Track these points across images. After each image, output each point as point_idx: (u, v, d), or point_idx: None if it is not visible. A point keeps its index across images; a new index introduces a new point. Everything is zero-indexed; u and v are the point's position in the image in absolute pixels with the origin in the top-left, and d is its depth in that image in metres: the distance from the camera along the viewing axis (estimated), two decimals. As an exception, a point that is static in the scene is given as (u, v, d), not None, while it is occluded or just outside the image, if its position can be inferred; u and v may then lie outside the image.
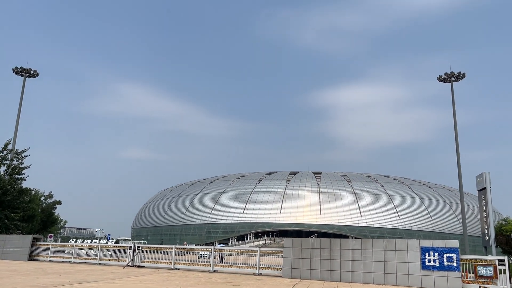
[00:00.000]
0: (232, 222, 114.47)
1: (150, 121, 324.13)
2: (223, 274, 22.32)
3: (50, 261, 33.04)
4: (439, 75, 48.02)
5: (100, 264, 29.84)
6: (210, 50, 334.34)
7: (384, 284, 17.47)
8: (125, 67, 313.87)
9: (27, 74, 58.85)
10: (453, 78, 47.95)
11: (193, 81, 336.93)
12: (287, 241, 20.81)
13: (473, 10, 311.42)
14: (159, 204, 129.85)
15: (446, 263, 16.40)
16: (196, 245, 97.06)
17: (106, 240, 57.39)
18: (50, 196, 56.02)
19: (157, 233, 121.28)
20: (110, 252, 31.34)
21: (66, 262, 32.04)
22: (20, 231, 45.95)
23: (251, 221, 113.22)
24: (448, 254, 16.42)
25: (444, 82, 48.11)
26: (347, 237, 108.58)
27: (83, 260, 31.63)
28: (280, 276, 20.98)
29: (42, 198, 55.04)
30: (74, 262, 31.52)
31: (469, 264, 16.93)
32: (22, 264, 28.55)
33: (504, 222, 36.60)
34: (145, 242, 34.84)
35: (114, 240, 38.06)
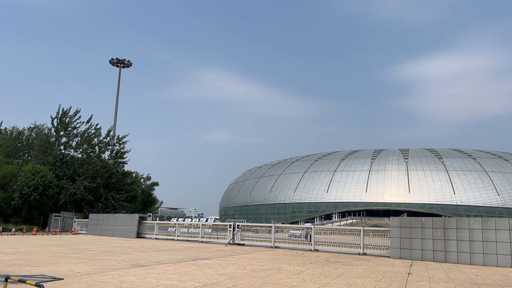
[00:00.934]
0: (316, 201, 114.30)
1: (232, 105, 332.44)
2: (326, 254, 22.20)
3: (156, 238, 35.46)
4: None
5: (202, 242, 31.36)
6: (287, 29, 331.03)
7: (511, 267, 16.09)
8: (205, 53, 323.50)
9: (121, 65, 63.04)
10: None
11: (271, 63, 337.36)
12: (394, 220, 20.04)
13: None
14: (244, 184, 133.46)
15: None
16: (288, 223, 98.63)
17: (198, 218, 60.32)
18: (148, 178, 60.18)
19: (244, 212, 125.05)
20: (209, 231, 32.86)
21: (170, 239, 34.14)
22: (125, 211, 50.04)
23: (336, 201, 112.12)
24: None
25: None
26: (439, 216, 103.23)
27: (186, 238, 33.46)
28: (387, 257, 20.34)
29: (142, 180, 59.23)
30: (178, 240, 33.50)
31: None
32: (133, 242, 30.98)
33: None
34: (242, 221, 36.23)
35: (213, 219, 39.80)
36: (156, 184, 60.10)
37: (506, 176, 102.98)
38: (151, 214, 63.67)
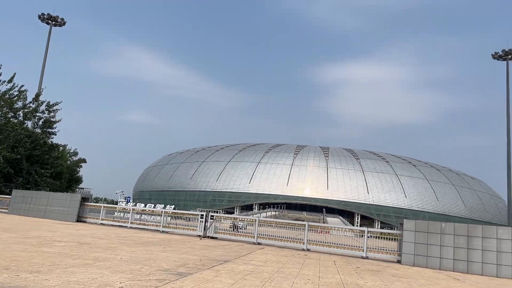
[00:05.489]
0: (238, 191, 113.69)
1: (157, 86, 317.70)
2: (324, 255, 20.60)
3: (102, 224, 31.09)
4: (494, 52, 45.93)
5: (163, 232, 28.00)
6: (220, 20, 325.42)
7: (544, 280, 16.02)
8: (137, 32, 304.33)
9: (53, 22, 54.85)
10: (510, 56, 45.78)
11: (203, 50, 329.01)
12: (408, 223, 19.13)
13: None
14: (163, 169, 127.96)
15: None
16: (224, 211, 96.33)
17: (125, 202, 55.54)
18: (75, 153, 53.61)
19: (160, 198, 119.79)
20: (169, 219, 29.59)
21: (119, 226, 30.07)
22: (49, 189, 43.73)
23: (257, 192, 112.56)
24: None
25: (499, 60, 46.09)
26: (352, 213, 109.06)
27: (141, 226, 29.71)
28: (397, 262, 19.42)
29: (67, 155, 52.54)
30: (131, 227, 29.61)
31: None
32: (81, 227, 26.58)
33: None
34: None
35: (173, 207, 36.23)
36: (84, 161, 53.74)
37: (413, 180, 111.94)
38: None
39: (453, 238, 17.77)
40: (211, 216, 26.45)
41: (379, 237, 21.89)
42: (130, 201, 60.17)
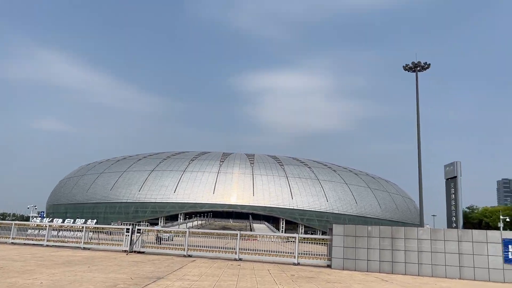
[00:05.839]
0: (162, 201, 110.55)
1: (73, 93, 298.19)
2: (257, 264, 20.47)
3: (13, 243, 28.24)
4: (405, 64, 49.53)
5: (85, 248, 26.08)
6: (141, 25, 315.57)
7: (460, 278, 17.18)
8: (52, 34, 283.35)
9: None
10: (418, 68, 49.69)
11: (123, 56, 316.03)
12: (337, 228, 19.68)
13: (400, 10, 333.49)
14: (81, 180, 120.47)
15: (535, 256, 16.62)
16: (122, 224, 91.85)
17: (39, 218, 51.21)
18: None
19: (78, 211, 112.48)
20: (91, 234, 27.66)
21: (36, 245, 27.51)
22: None
23: (183, 201, 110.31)
24: (537, 246, 16.68)
25: (409, 71, 49.82)
26: (277, 219, 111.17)
27: (59, 244, 27.43)
28: (327, 267, 19.87)
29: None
30: (47, 246, 27.20)
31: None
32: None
33: (468, 210, 39.31)
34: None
35: (95, 221, 33.77)
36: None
37: (334, 185, 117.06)
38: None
39: (379, 240, 18.62)
40: (138, 229, 25.18)
41: (308, 242, 22.32)
42: (44, 215, 55.50)
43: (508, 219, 62.37)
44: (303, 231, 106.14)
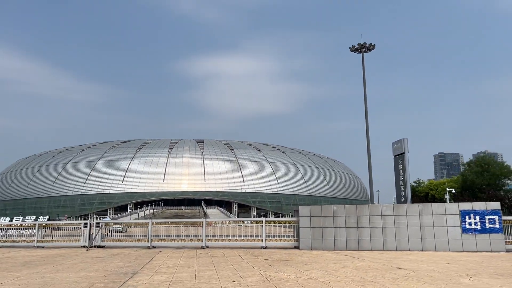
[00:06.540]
0: (110, 192, 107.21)
1: (6, 83, 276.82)
2: (226, 250, 20.37)
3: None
4: (352, 45, 50.80)
5: (39, 247, 24.61)
6: (80, 12, 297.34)
7: (422, 250, 18.05)
8: None
9: None
10: (364, 49, 51.11)
11: (60, 44, 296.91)
12: (304, 209, 19.98)
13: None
14: (20, 174, 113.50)
15: (488, 226, 17.73)
16: (68, 218, 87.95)
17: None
18: None
19: (18, 207, 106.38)
20: (44, 231, 26.14)
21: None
22: None
23: (132, 191, 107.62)
24: (490, 217, 17.74)
25: (355, 52, 51.18)
26: (230, 203, 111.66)
27: (9, 244, 25.69)
28: (294, 248, 20.17)
29: None
30: (-4, 247, 25.36)
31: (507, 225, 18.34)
32: None
33: (415, 185, 41.50)
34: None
35: (47, 217, 31.89)
36: None
37: (283, 166, 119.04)
38: None
39: (345, 219, 19.16)
40: (97, 223, 24.14)
41: (273, 225, 22.53)
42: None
43: (454, 191, 66.97)
44: (255, 213, 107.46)
